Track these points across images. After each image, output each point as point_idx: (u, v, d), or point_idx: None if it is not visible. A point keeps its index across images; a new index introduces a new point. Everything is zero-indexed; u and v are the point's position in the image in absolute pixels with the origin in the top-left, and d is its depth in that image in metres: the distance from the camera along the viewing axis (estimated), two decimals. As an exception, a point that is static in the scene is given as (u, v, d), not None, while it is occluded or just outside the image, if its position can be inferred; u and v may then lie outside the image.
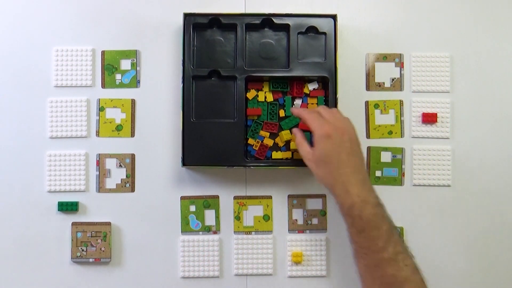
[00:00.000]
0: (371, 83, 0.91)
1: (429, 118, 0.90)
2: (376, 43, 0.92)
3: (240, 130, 0.86)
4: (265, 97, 0.88)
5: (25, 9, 0.90)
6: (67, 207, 0.87)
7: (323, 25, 0.87)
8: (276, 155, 0.87)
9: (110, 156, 0.89)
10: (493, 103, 0.91)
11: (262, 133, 0.87)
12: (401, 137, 0.91)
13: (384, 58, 0.91)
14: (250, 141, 0.87)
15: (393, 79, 0.91)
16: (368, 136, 0.91)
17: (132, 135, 0.90)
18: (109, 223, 0.88)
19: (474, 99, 0.91)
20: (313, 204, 0.90)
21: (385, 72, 0.91)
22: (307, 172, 0.82)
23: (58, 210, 0.88)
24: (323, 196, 0.90)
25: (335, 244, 0.89)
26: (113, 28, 0.90)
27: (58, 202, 0.88)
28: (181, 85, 0.86)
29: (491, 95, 0.91)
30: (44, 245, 0.88)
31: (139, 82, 0.90)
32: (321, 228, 0.89)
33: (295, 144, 0.82)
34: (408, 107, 0.91)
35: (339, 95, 0.86)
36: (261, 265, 0.89)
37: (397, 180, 0.90)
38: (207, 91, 0.87)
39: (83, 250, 0.87)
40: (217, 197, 0.89)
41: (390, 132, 0.91)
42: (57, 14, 0.90)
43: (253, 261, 0.89)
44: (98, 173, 0.89)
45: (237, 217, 0.89)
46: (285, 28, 0.88)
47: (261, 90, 0.88)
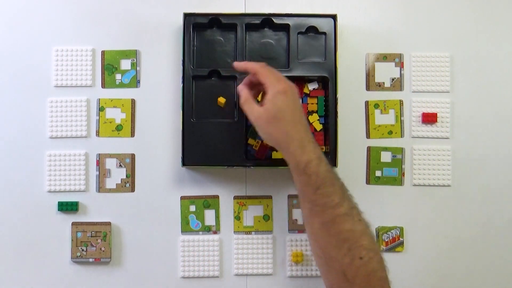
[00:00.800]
0: (371, 83, 0.91)
1: (429, 118, 0.90)
2: (376, 43, 0.91)
3: (240, 130, 0.86)
4: (265, 97, 0.88)
5: (25, 9, 0.90)
6: (67, 207, 0.87)
7: (323, 25, 0.87)
8: (276, 155, 0.87)
9: (110, 156, 0.89)
10: (493, 103, 0.91)
11: (262, 133, 0.87)
12: (401, 137, 0.91)
13: (384, 58, 0.91)
14: (250, 141, 0.87)
15: (393, 79, 0.91)
16: (368, 136, 0.91)
17: (132, 135, 0.90)
18: (109, 223, 0.88)
19: (474, 99, 0.91)
20: (313, 204, 0.89)
21: (385, 72, 0.91)
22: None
23: (58, 210, 0.88)
24: (323, 196, 0.90)
25: (335, 244, 0.89)
26: (113, 28, 0.90)
27: (58, 202, 0.88)
28: (181, 85, 0.86)
29: (491, 95, 0.91)
30: (44, 245, 0.88)
31: (139, 82, 0.90)
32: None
33: (240, 103, 0.78)
34: (408, 107, 0.91)
35: (339, 95, 0.86)
36: (261, 265, 0.89)
37: (397, 180, 0.90)
38: (207, 91, 0.87)
39: (83, 250, 0.87)
40: (217, 197, 0.89)
41: (390, 132, 0.91)
42: (57, 14, 0.90)
43: (253, 261, 0.89)
44: (98, 173, 0.89)
45: (237, 217, 0.89)
46: (285, 28, 0.88)
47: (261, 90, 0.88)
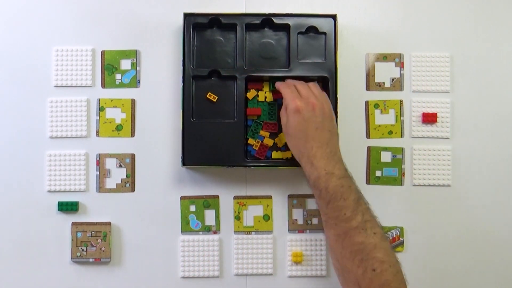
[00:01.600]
0: (371, 83, 0.91)
1: (429, 118, 0.90)
2: (376, 43, 0.91)
3: (240, 130, 0.86)
4: (265, 97, 0.88)
5: (25, 9, 0.90)
6: (67, 207, 0.87)
7: (323, 25, 0.87)
8: (276, 155, 0.87)
9: (110, 156, 0.89)
10: (493, 103, 0.91)
11: (262, 133, 0.87)
12: (401, 137, 0.91)
13: (384, 58, 0.91)
14: (250, 141, 0.87)
15: (393, 79, 0.91)
16: (368, 136, 0.91)
17: (132, 135, 0.90)
18: (109, 223, 0.88)
19: (474, 99, 0.91)
20: (313, 204, 0.89)
21: (385, 72, 0.91)
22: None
23: (58, 210, 0.88)
24: (323, 196, 0.90)
25: (335, 244, 0.89)
26: (113, 28, 0.90)
27: (58, 202, 0.88)
28: (181, 85, 0.86)
29: (491, 95, 0.91)
30: (44, 245, 0.88)
31: (139, 82, 0.90)
32: (321, 228, 0.89)
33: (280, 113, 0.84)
34: (408, 107, 0.91)
35: (339, 95, 0.86)
36: (261, 265, 0.89)
37: (397, 180, 0.90)
38: (207, 91, 0.87)
39: (83, 250, 0.87)
40: (217, 197, 0.89)
41: (390, 132, 0.91)
42: (57, 14, 0.90)
43: (253, 261, 0.89)
44: (98, 173, 0.89)
45: (237, 217, 0.89)
46: (285, 28, 0.88)
47: (261, 90, 0.88)
